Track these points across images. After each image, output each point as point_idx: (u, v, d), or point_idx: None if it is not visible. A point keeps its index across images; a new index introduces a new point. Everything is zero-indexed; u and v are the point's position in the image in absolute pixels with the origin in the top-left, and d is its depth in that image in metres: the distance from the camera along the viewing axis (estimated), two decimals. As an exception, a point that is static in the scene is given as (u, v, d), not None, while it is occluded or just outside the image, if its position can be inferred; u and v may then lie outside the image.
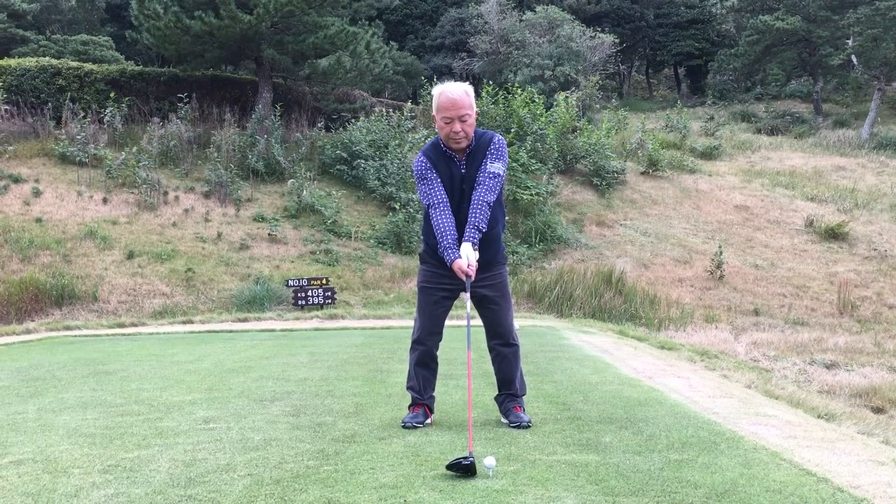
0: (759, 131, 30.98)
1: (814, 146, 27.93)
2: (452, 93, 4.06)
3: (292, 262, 14.42)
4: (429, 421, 4.27)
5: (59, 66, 18.78)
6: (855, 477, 3.30)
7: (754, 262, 17.00)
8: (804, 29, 32.01)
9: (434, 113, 4.13)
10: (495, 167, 4.10)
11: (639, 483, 3.13)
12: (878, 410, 8.06)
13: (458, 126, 4.06)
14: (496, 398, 4.42)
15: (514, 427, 4.16)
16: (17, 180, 15.48)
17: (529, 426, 4.14)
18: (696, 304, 14.52)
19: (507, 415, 4.29)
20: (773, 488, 3.06)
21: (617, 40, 32.14)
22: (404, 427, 4.16)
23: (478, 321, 4.41)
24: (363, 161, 17.43)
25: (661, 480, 3.16)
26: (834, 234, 18.61)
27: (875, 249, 18.19)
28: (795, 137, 29.70)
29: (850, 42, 31.27)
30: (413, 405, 4.32)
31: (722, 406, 4.95)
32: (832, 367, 10.31)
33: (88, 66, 19.37)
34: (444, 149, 4.17)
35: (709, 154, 24.97)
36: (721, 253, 15.95)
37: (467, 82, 4.30)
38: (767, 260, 17.19)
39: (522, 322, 10.92)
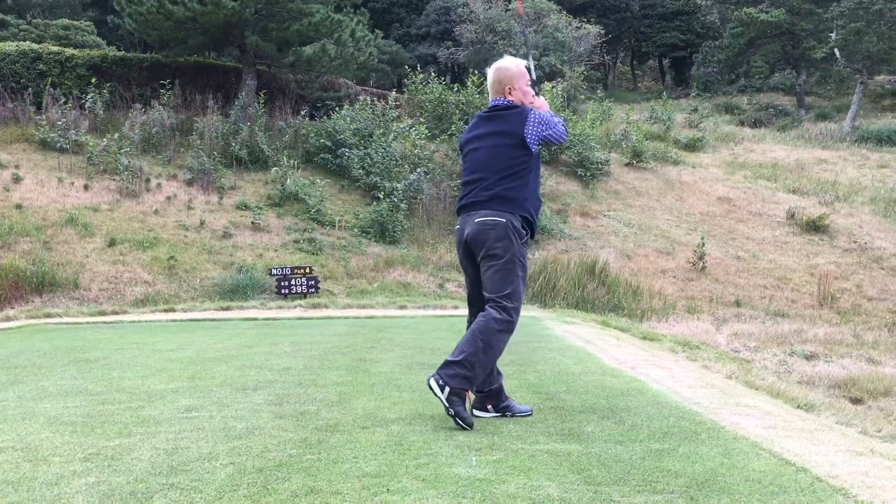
0: (742, 123, 31.15)
1: (796, 139, 28.13)
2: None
3: (276, 250, 14.37)
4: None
5: (40, 50, 18.55)
6: (833, 467, 3.34)
7: (736, 253, 17.12)
8: (788, 22, 32.19)
9: (518, 83, 4.25)
10: None
11: (620, 472, 3.16)
12: (856, 401, 8.16)
13: None
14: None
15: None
16: (-4, 166, 15.32)
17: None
18: (678, 295, 14.61)
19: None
20: (753, 478, 3.10)
21: (602, 31, 32.17)
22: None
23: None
24: (347, 150, 17.37)
25: (643, 470, 3.19)
26: (815, 227, 18.77)
27: (855, 242, 18.36)
28: (778, 130, 29.89)
29: (833, 35, 31.49)
30: None
31: (703, 396, 4.99)
32: (812, 358, 10.42)
33: (70, 51, 19.15)
34: None
35: (692, 146, 25.08)
36: (703, 244, 16.05)
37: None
38: (749, 252, 17.31)
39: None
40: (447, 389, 3.81)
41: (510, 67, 4.23)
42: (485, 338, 3.88)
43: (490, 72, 4.27)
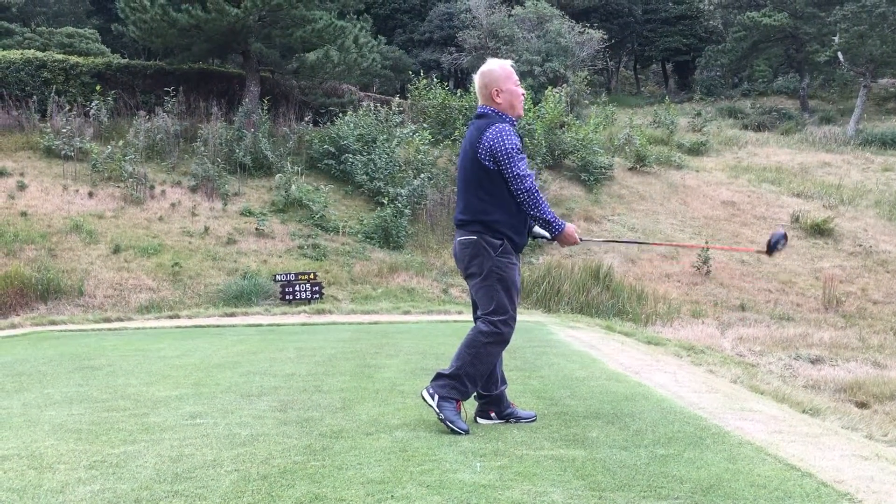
0: (745, 127, 31.13)
1: (800, 142, 28.10)
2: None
3: (280, 256, 14.38)
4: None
5: (45, 58, 18.60)
6: (839, 471, 3.33)
7: (740, 257, 17.09)
8: (791, 25, 32.19)
9: (504, 85, 4.05)
10: None
11: (625, 478, 3.15)
12: (861, 405, 8.14)
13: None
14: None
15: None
16: (1, 174, 15.35)
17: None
18: (682, 299, 14.59)
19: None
20: (758, 483, 3.09)
21: (605, 36, 32.19)
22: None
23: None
24: (351, 156, 17.39)
25: (647, 475, 3.18)
26: (819, 230, 18.74)
27: (860, 245, 18.32)
28: (782, 133, 29.87)
29: (836, 39, 31.44)
30: None
31: (708, 401, 4.98)
32: (817, 362, 10.40)
33: (74, 58, 19.21)
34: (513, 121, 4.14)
35: (696, 150, 25.07)
36: (708, 248, 16.03)
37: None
38: (753, 255, 17.28)
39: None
40: (437, 397, 3.95)
41: (494, 69, 4.10)
42: (472, 350, 3.98)
43: (476, 78, 4.16)
